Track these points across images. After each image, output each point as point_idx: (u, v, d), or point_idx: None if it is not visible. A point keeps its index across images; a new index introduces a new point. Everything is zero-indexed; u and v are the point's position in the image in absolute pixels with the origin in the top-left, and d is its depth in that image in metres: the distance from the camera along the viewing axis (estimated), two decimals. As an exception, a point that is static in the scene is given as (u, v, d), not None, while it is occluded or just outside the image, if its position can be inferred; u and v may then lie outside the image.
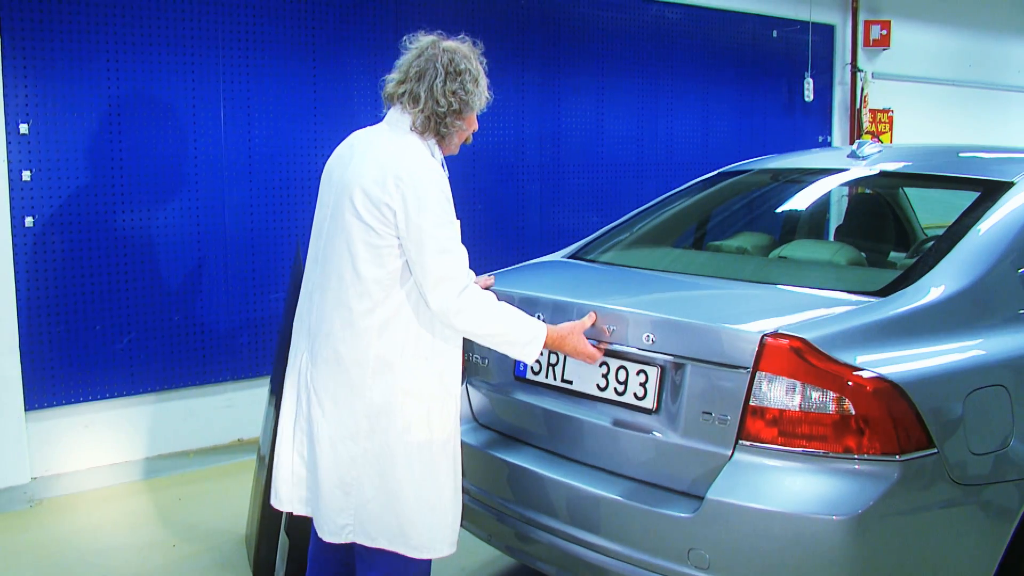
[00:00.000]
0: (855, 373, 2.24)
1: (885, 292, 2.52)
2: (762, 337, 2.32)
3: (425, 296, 2.43)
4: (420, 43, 2.52)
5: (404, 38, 2.55)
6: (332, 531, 2.54)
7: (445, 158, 2.60)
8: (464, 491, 3.03)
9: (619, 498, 2.53)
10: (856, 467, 2.23)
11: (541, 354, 2.59)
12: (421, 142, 2.51)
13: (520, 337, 2.51)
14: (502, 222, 5.67)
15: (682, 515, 2.38)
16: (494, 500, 2.91)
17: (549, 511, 2.71)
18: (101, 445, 4.45)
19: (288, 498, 2.62)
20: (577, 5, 5.85)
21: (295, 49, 4.77)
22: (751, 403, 2.33)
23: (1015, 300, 2.54)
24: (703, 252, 3.49)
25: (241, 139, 4.65)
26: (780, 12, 7.03)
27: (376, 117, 2.68)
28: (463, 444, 2.97)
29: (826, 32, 7.45)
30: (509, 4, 5.54)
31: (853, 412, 2.22)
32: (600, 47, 5.98)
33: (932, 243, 3.17)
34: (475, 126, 2.62)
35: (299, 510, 2.63)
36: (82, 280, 4.28)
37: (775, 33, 7.01)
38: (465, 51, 2.52)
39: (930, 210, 3.75)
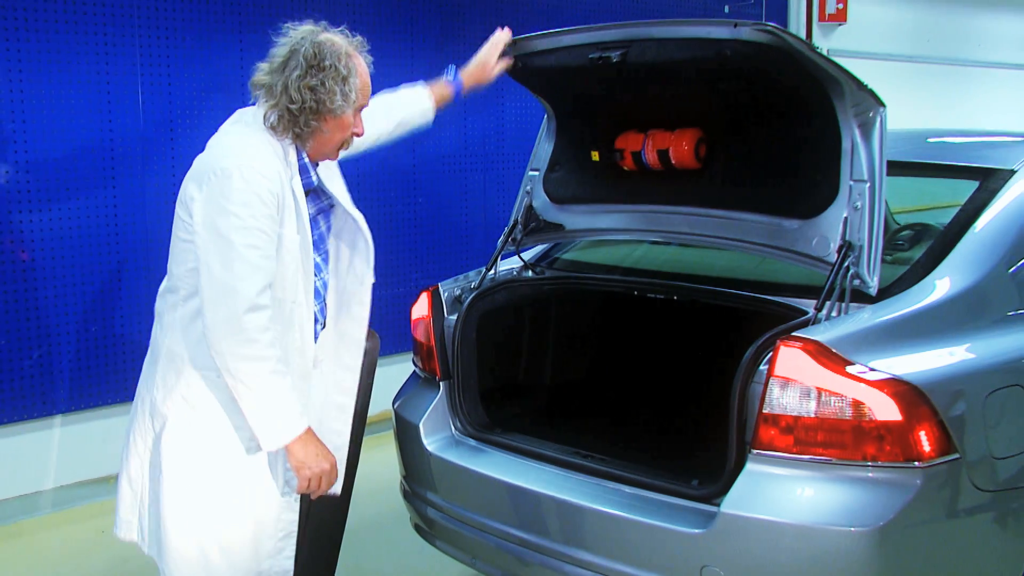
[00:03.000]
0: (872, 376, 2.35)
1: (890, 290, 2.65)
2: (776, 341, 2.41)
3: (204, 303, 2.33)
4: (295, 32, 2.45)
5: (284, 25, 2.48)
6: (116, 523, 2.65)
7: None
8: (440, 509, 3.08)
9: (623, 514, 2.60)
10: (876, 475, 2.34)
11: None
12: (268, 140, 2.43)
13: (275, 414, 2.39)
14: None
15: (694, 530, 2.46)
16: (476, 518, 2.96)
17: (542, 530, 2.77)
18: (5, 475, 4.33)
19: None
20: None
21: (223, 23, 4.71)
22: (764, 410, 2.42)
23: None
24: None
25: (162, 127, 4.58)
26: (732, -15, 7.22)
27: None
28: (438, 457, 3.02)
29: (780, 6, 7.68)
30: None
31: (872, 417, 2.33)
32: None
33: (909, 232, 3.36)
34: (357, 128, 2.55)
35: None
36: (-18, 290, 4.17)
37: (727, 8, 7.18)
38: (339, 45, 2.43)
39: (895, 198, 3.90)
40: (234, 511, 2.51)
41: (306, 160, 2.54)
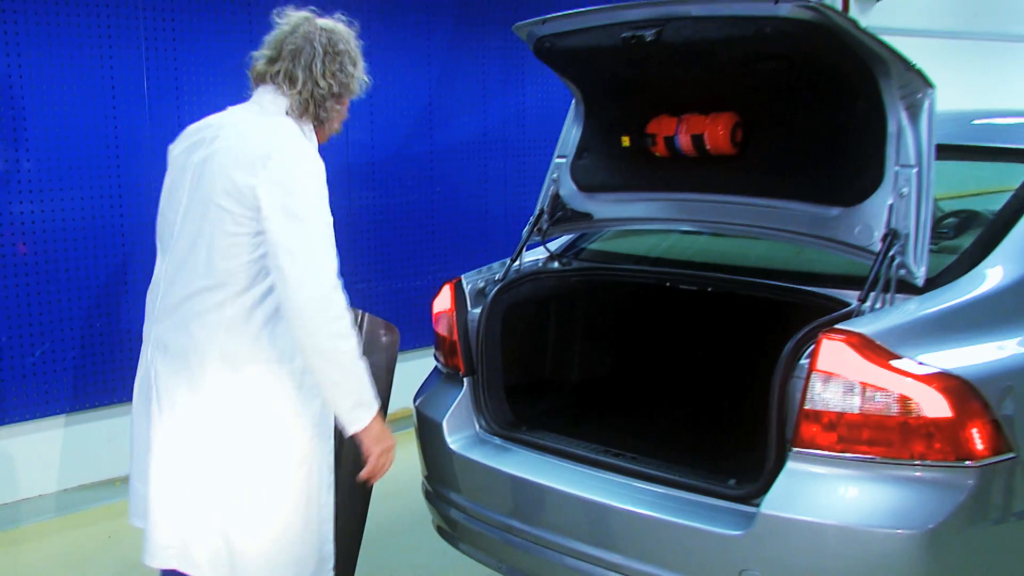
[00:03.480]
0: (920, 370, 2.35)
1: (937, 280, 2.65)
2: (817, 334, 2.42)
3: (289, 285, 2.40)
4: (292, 19, 2.58)
5: (274, 12, 2.61)
6: (152, 552, 2.58)
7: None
8: (464, 510, 3.10)
9: (656, 515, 2.61)
10: (926, 475, 2.33)
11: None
12: (297, 126, 2.57)
13: (364, 392, 2.53)
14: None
15: (732, 532, 2.46)
16: (501, 520, 2.98)
17: (571, 532, 2.78)
18: (7, 479, 4.38)
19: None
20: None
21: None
22: (805, 406, 2.43)
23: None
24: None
25: (169, 116, 4.61)
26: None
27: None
28: (461, 456, 3.05)
29: (815, -19, 7.64)
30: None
31: (920, 413, 2.33)
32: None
33: (954, 219, 3.35)
34: (346, 115, 2.73)
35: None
36: (-16, 284, 4.21)
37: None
38: (343, 31, 2.61)
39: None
40: (302, 502, 2.61)
41: (316, 144, 2.64)
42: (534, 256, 3.53)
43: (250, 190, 2.41)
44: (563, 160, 3.38)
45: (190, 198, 2.54)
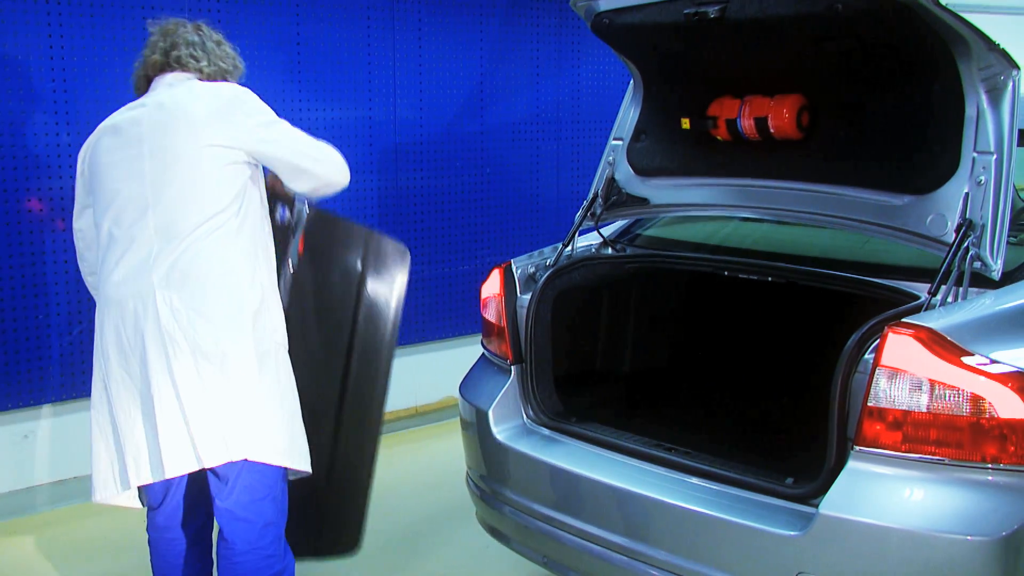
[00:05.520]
0: (994, 368, 2.29)
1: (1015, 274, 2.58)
2: (884, 327, 2.36)
3: (312, 170, 2.91)
4: (168, 22, 2.98)
5: (148, 21, 3.02)
6: (213, 453, 2.71)
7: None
8: (509, 502, 3.09)
9: (709, 512, 2.57)
10: (998, 479, 2.27)
11: None
12: None
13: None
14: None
15: (789, 532, 2.42)
16: (548, 513, 2.96)
17: (619, 527, 2.76)
18: (56, 457, 4.41)
19: (171, 461, 2.72)
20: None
21: None
22: (869, 403, 2.38)
23: None
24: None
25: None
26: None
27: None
28: (508, 447, 3.06)
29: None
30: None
31: (993, 414, 2.27)
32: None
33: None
34: None
35: (180, 468, 2.73)
36: None
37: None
38: (206, 27, 3.02)
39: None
40: (276, 388, 2.86)
41: None
42: (587, 241, 3.50)
43: (229, 124, 2.79)
44: (620, 142, 3.34)
45: (159, 160, 2.78)
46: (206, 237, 2.76)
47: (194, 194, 2.77)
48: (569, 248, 3.37)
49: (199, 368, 2.70)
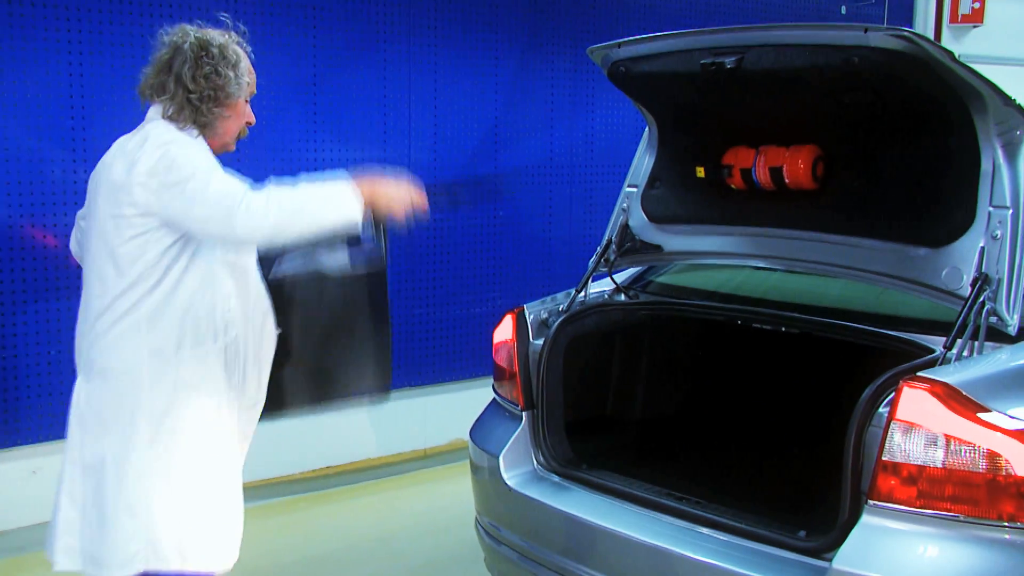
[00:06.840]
0: (1011, 424, 2.27)
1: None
2: (899, 381, 2.36)
3: (219, 233, 2.56)
4: (173, 33, 2.71)
5: (160, 31, 2.74)
6: (122, 562, 2.59)
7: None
8: (518, 549, 3.08)
9: (720, 564, 2.56)
10: (1016, 538, 2.25)
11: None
12: (171, 127, 2.65)
13: (327, 193, 2.62)
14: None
15: (802, 588, 2.41)
16: (556, 560, 2.94)
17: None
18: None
19: (59, 548, 2.67)
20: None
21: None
22: (883, 457, 2.36)
23: None
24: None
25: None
26: (850, -16, 7.12)
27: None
28: (518, 493, 3.05)
29: (905, 5, 7.52)
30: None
31: (1010, 471, 2.25)
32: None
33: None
34: (250, 118, 2.80)
35: (64, 564, 2.67)
36: None
37: (843, 9, 7.09)
38: (215, 35, 2.70)
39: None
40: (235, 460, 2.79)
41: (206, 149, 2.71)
42: (599, 287, 3.50)
43: (137, 186, 2.53)
44: (634, 189, 3.36)
45: (90, 220, 2.69)
46: (109, 329, 2.59)
47: (101, 271, 2.61)
48: (582, 294, 3.38)
49: (84, 479, 2.64)
